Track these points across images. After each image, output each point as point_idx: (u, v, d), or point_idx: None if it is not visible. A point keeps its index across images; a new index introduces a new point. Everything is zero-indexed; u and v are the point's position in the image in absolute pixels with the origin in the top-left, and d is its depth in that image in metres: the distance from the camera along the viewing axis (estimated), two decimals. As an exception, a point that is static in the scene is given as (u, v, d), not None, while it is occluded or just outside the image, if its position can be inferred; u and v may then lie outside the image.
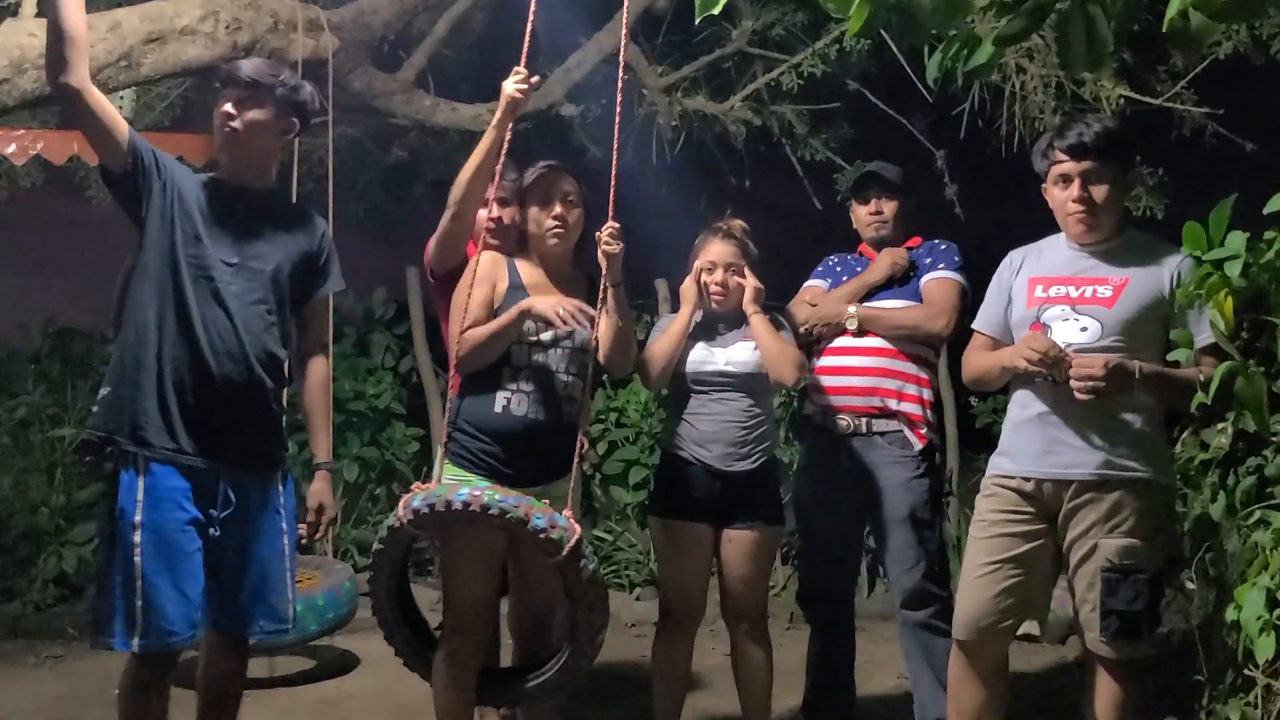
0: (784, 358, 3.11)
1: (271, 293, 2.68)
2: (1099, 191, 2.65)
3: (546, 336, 2.78)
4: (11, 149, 4.50)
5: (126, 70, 3.85)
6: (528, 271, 2.90)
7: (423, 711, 3.18)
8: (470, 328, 2.77)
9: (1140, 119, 5.19)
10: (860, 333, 3.29)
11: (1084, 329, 2.63)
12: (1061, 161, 2.67)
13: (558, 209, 2.85)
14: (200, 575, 2.59)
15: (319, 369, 2.85)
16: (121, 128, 2.56)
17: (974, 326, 2.95)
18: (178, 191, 2.62)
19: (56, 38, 2.41)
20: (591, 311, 2.76)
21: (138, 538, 2.51)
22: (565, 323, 2.69)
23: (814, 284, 3.48)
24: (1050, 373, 2.59)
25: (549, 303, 2.72)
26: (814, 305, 3.37)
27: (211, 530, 2.61)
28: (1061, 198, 2.69)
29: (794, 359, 3.13)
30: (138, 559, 2.50)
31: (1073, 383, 2.54)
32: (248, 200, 2.71)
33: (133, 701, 2.61)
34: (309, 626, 3.83)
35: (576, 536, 2.55)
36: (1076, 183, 2.66)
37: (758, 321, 3.13)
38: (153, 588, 2.50)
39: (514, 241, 2.98)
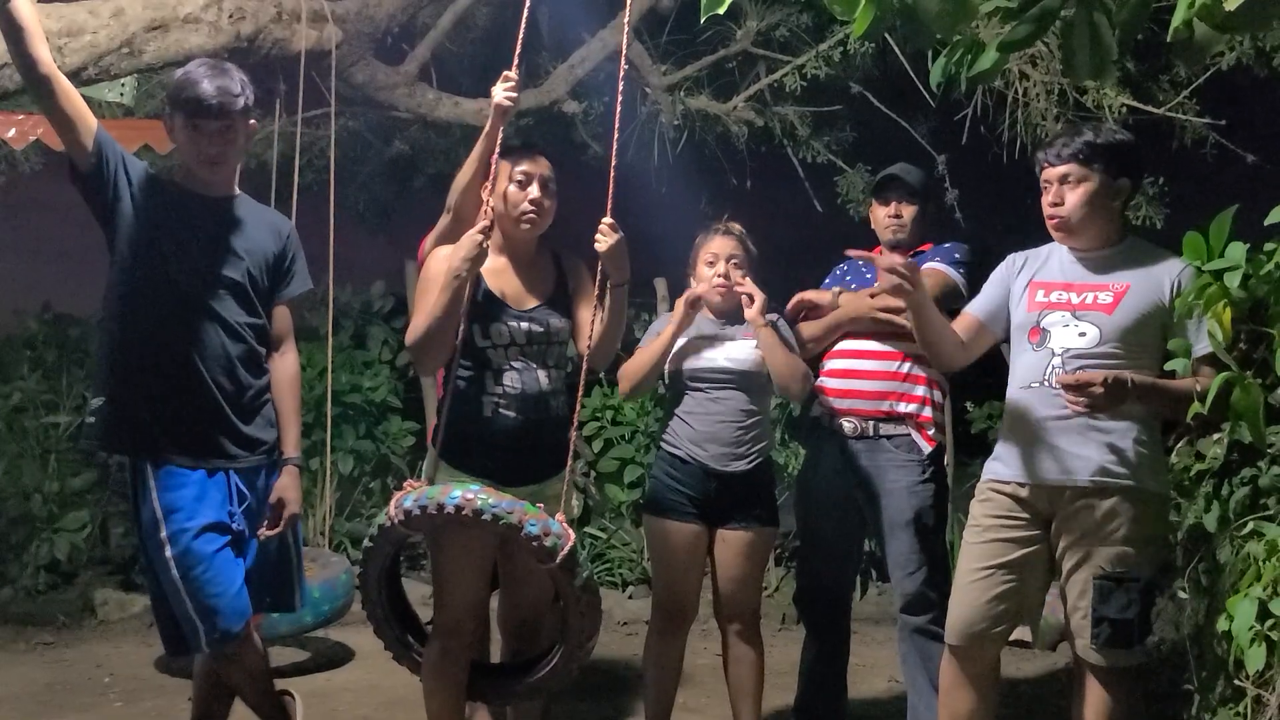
0: (793, 373, 3.12)
1: (242, 299, 2.71)
2: (1072, 197, 2.67)
3: (520, 336, 2.75)
4: (11, 134, 4.48)
5: (129, 57, 3.84)
6: (490, 259, 2.79)
7: (413, 706, 3.18)
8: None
9: (1142, 128, 5.19)
10: (870, 335, 3.28)
11: (1083, 334, 2.65)
12: (1044, 169, 2.73)
13: (535, 192, 2.76)
14: (232, 568, 2.66)
15: (287, 366, 2.86)
16: (89, 123, 2.55)
17: (969, 309, 2.93)
18: (147, 200, 2.63)
19: (13, 32, 2.39)
20: (487, 227, 2.67)
21: (168, 553, 2.60)
22: (471, 254, 2.60)
23: None
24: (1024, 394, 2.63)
25: (456, 257, 2.64)
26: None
27: (234, 525, 2.69)
28: (1043, 203, 2.74)
29: (802, 374, 3.15)
30: (175, 574, 2.60)
31: (1067, 395, 2.55)
32: (215, 209, 2.73)
33: (209, 685, 2.85)
34: (305, 618, 3.83)
35: (570, 544, 2.53)
36: (1052, 189, 2.70)
37: (766, 335, 3.11)
38: (198, 593, 2.60)
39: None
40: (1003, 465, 2.76)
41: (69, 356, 5.84)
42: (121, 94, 4.52)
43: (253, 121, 2.75)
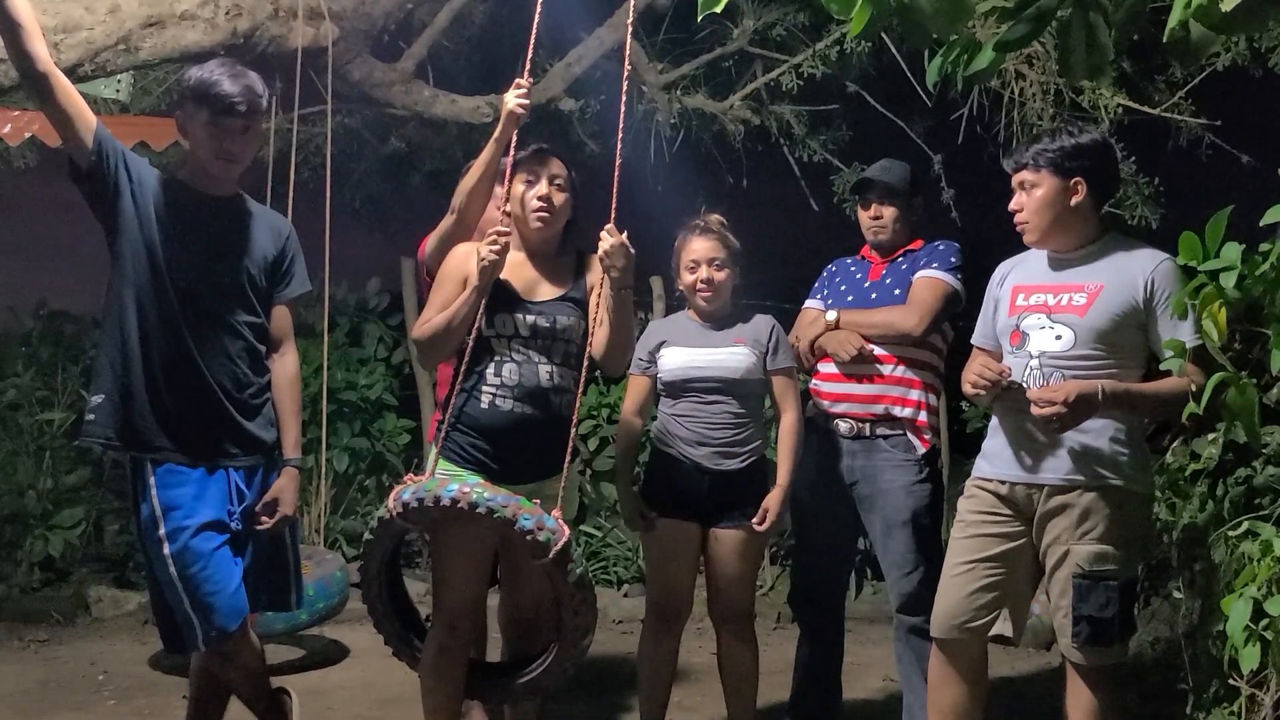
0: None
1: (241, 298, 2.72)
2: (1029, 200, 2.72)
3: (524, 328, 2.75)
4: (7, 129, 4.47)
5: (125, 54, 3.83)
6: (509, 253, 2.81)
7: (408, 703, 3.18)
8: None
9: (1138, 128, 5.20)
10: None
11: (1059, 337, 2.67)
12: (1011, 174, 2.79)
13: (543, 189, 2.78)
14: (230, 566, 2.66)
15: (287, 367, 2.86)
16: (89, 121, 2.54)
17: (972, 341, 2.96)
18: (149, 198, 2.63)
19: (9, 29, 2.38)
20: (505, 233, 2.70)
21: (166, 551, 2.59)
22: (488, 260, 2.64)
23: (812, 306, 3.47)
24: (1001, 396, 2.65)
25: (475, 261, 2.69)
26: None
27: (233, 524, 2.68)
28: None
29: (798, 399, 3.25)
30: (173, 571, 2.59)
31: (1034, 410, 2.57)
32: (217, 208, 2.73)
33: (205, 683, 2.88)
34: (300, 616, 3.82)
35: (564, 539, 2.53)
36: (1014, 195, 2.76)
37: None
38: (195, 591, 2.60)
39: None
40: (987, 463, 2.80)
41: (64, 353, 5.83)
42: (118, 90, 4.51)
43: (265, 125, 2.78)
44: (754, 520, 3.11)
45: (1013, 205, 2.76)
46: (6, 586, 5.16)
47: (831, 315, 3.32)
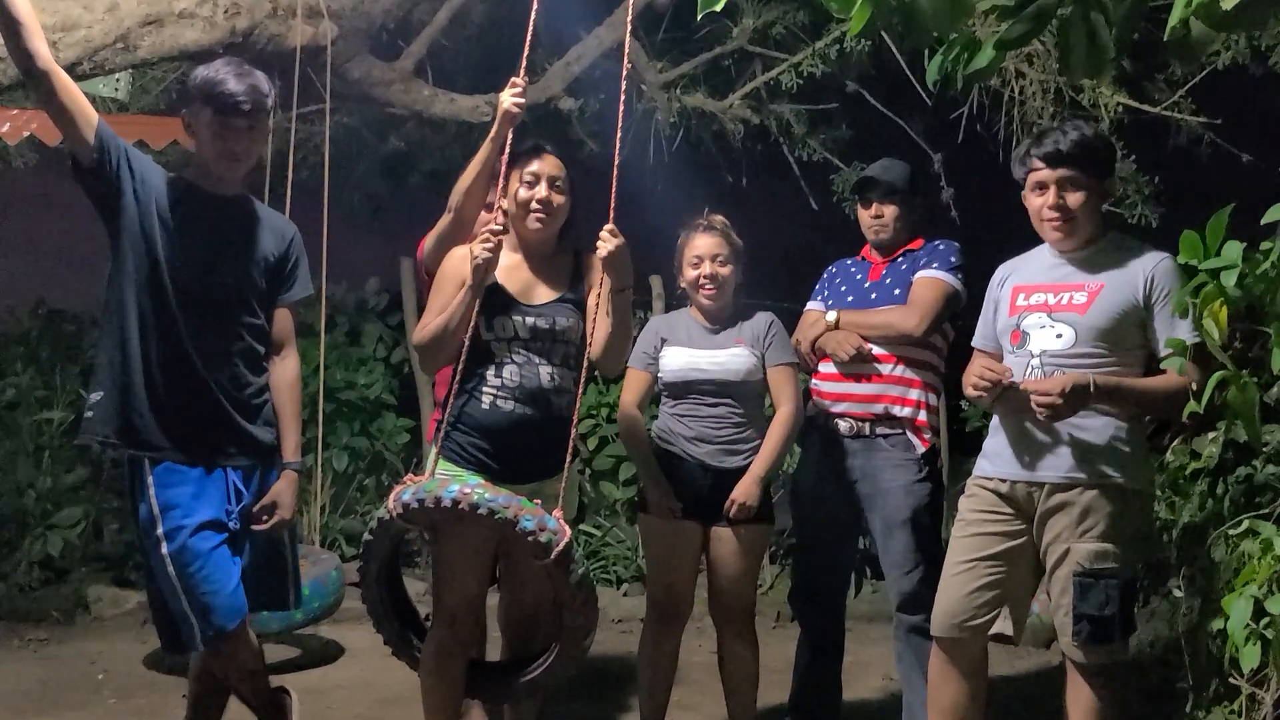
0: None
1: (242, 299, 2.71)
2: (1074, 199, 2.66)
3: (524, 330, 2.75)
4: (5, 128, 4.47)
5: (123, 53, 3.83)
6: (505, 255, 2.78)
7: (407, 702, 3.18)
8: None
9: (1138, 127, 5.20)
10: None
11: (1059, 335, 2.67)
12: (1038, 169, 2.69)
13: (542, 191, 2.77)
14: (228, 565, 2.65)
15: (288, 370, 2.86)
16: (90, 117, 2.53)
17: (973, 344, 2.96)
18: (152, 195, 2.62)
19: (9, 26, 2.38)
20: (497, 230, 2.68)
21: (164, 550, 2.59)
22: (480, 258, 2.63)
23: (813, 307, 3.47)
24: (1002, 397, 2.64)
25: (468, 269, 2.68)
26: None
27: (231, 524, 2.68)
28: (1038, 205, 2.72)
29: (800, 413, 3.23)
30: (171, 570, 2.59)
31: (1033, 401, 2.57)
32: (222, 208, 2.73)
33: (204, 682, 2.88)
34: (295, 615, 3.82)
35: (566, 540, 2.52)
36: (1052, 190, 2.67)
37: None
38: (194, 591, 2.59)
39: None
40: (988, 462, 2.79)
41: (63, 353, 5.83)
42: (116, 89, 4.51)
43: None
44: (724, 511, 3.10)
45: (1054, 203, 2.66)
46: (6, 586, 5.16)
47: (832, 316, 3.32)
